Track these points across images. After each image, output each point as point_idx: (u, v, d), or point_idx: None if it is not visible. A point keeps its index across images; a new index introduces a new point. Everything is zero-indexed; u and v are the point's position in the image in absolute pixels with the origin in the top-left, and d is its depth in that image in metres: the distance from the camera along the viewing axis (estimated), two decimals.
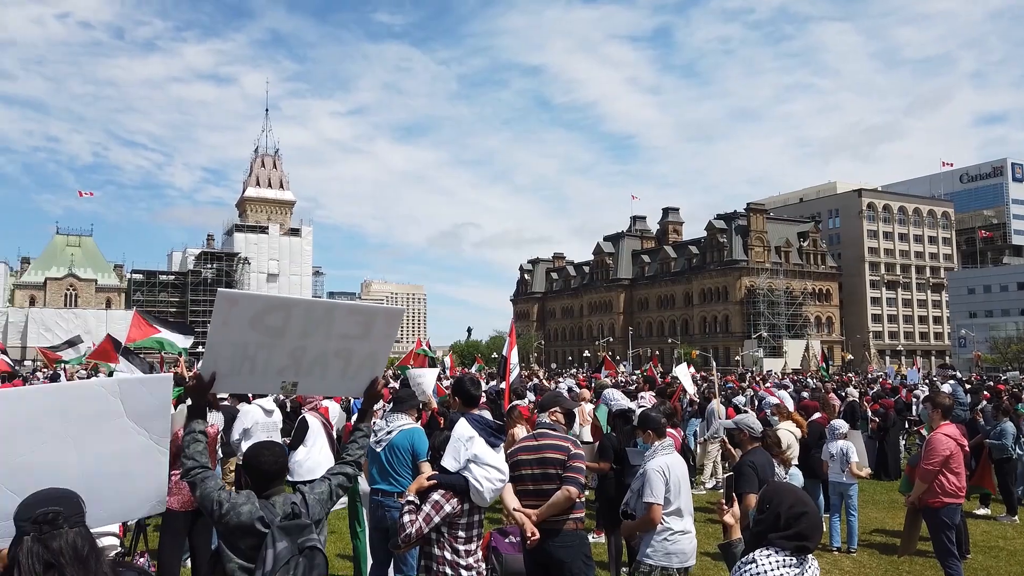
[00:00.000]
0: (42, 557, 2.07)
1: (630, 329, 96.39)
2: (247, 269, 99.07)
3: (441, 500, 3.97)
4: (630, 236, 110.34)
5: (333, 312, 3.32)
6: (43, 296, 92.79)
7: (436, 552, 4.02)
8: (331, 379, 3.55)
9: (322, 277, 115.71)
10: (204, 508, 3.14)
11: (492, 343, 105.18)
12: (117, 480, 2.68)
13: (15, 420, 2.35)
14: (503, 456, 4.26)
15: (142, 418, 2.73)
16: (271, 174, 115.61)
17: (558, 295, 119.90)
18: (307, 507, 3.21)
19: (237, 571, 2.97)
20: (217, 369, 3.20)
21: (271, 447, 3.35)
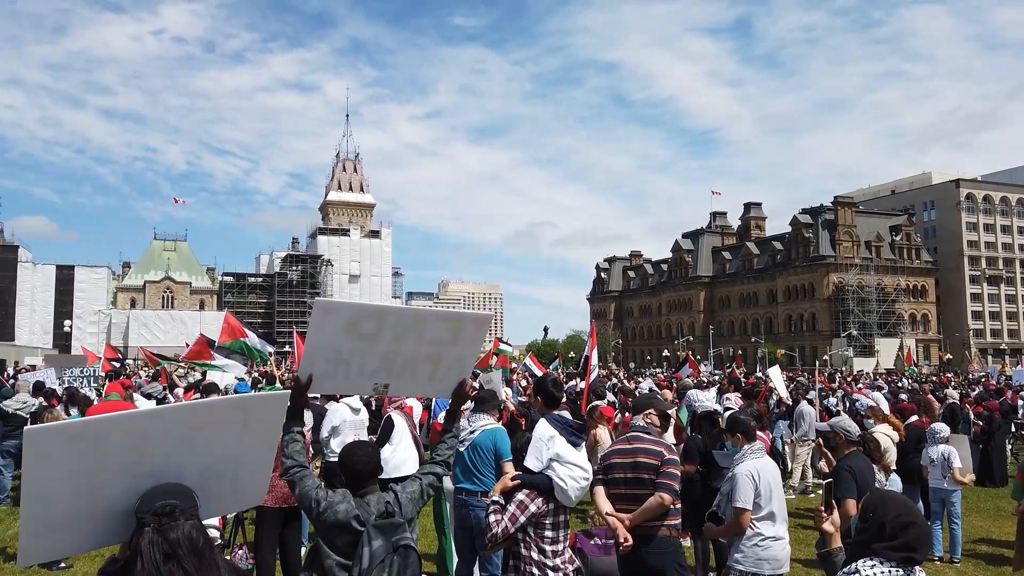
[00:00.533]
0: (162, 547, 2.18)
1: (711, 328, 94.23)
2: (330, 271, 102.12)
3: (526, 500, 3.97)
4: (710, 233, 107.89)
5: (424, 319, 3.42)
6: (143, 298, 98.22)
7: (523, 552, 4.03)
8: (421, 381, 3.64)
9: (401, 278, 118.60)
10: (303, 506, 3.25)
11: (569, 342, 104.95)
12: (228, 481, 2.81)
13: (149, 433, 2.49)
14: (585, 455, 4.24)
15: (260, 428, 2.85)
16: (352, 178, 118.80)
17: (635, 293, 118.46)
18: (400, 506, 3.28)
19: (335, 567, 3.05)
20: (314, 371, 3.32)
21: (365, 447, 3.44)
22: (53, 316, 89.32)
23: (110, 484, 2.43)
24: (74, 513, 2.44)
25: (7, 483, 11.12)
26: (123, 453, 2.42)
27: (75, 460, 2.32)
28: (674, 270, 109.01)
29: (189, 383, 15.98)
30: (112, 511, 2.48)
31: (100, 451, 2.38)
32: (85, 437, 2.35)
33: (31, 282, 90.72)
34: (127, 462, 2.44)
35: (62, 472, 2.31)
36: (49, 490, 2.36)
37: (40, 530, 2.43)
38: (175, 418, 2.56)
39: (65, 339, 77.33)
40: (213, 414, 2.67)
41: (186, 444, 2.54)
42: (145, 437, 2.48)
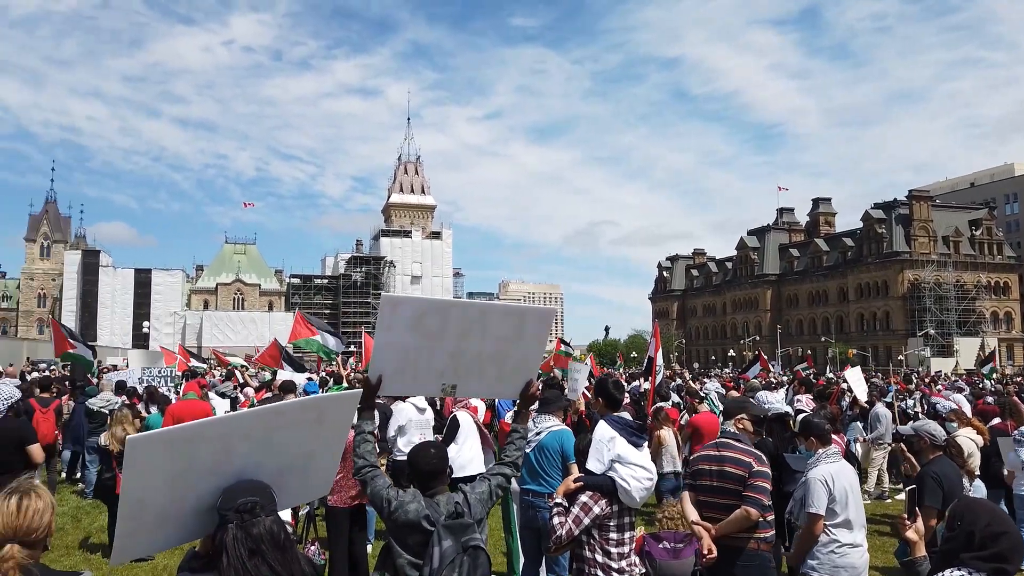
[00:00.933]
0: (246, 543, 2.26)
1: (778, 327, 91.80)
2: (393, 272, 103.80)
3: (589, 502, 3.94)
4: (776, 229, 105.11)
5: (487, 313, 3.39)
6: (215, 300, 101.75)
7: (587, 554, 4.00)
8: (488, 382, 3.61)
9: (462, 278, 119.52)
10: (374, 505, 3.29)
11: (631, 342, 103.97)
12: (299, 475, 2.90)
13: (234, 436, 2.59)
14: (648, 456, 4.16)
15: (332, 426, 2.93)
16: (413, 180, 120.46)
17: (699, 292, 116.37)
18: (469, 506, 3.28)
19: (406, 566, 3.08)
20: (383, 372, 3.33)
21: (434, 447, 3.46)
22: (132, 318, 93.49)
23: (196, 484, 2.53)
24: (164, 513, 2.54)
25: (92, 477, 11.65)
26: (210, 455, 2.53)
27: (169, 464, 2.43)
28: (739, 268, 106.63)
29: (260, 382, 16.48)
30: (196, 509, 2.57)
31: (191, 454, 2.49)
32: (180, 442, 2.46)
33: (111, 285, 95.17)
34: (212, 462, 2.55)
35: (158, 476, 2.43)
36: (145, 493, 2.47)
37: (134, 530, 2.54)
38: (258, 420, 2.66)
39: (143, 340, 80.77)
40: (292, 415, 2.74)
41: (265, 443, 2.64)
42: (230, 439, 2.58)
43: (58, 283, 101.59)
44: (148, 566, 7.83)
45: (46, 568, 2.43)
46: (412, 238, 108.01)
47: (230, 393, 15.32)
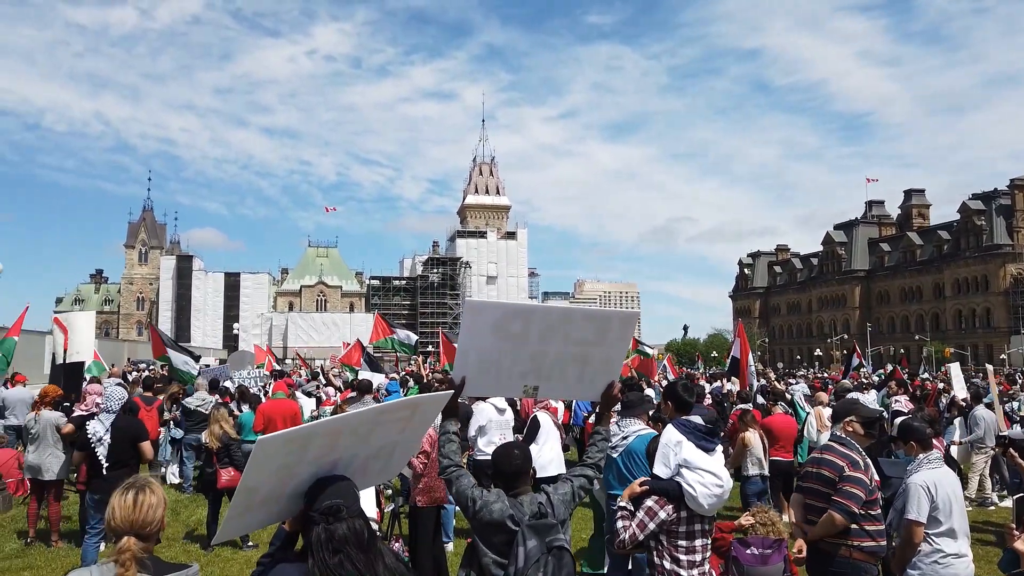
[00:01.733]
0: (330, 545, 2.35)
1: (868, 325, 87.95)
2: (468, 272, 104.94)
3: (655, 506, 3.88)
4: (865, 223, 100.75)
5: (570, 317, 3.40)
6: (299, 302, 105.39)
7: (656, 561, 3.94)
8: (569, 383, 3.62)
9: (537, 278, 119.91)
10: (459, 504, 3.33)
11: (711, 341, 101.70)
12: (382, 462, 3.06)
13: (342, 433, 2.73)
14: (721, 461, 4.03)
15: (421, 421, 3.05)
16: (488, 181, 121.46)
17: (783, 290, 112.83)
18: (552, 507, 3.29)
19: (491, 565, 3.10)
20: (467, 374, 3.38)
21: (517, 448, 3.47)
22: (223, 319, 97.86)
23: (300, 474, 2.68)
24: (267, 498, 2.70)
25: (190, 473, 12.26)
26: (318, 449, 2.68)
27: (284, 458, 2.60)
28: (825, 264, 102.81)
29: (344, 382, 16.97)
30: (293, 494, 2.73)
31: (304, 450, 2.64)
32: (299, 440, 2.63)
33: (203, 289, 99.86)
34: (317, 456, 2.70)
35: (272, 469, 2.60)
36: (258, 483, 2.65)
37: (240, 515, 2.71)
38: (365, 418, 2.81)
39: (233, 341, 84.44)
40: (393, 412, 2.87)
41: (364, 438, 2.78)
42: (340, 435, 2.72)
43: (155, 287, 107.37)
44: (242, 557, 8.16)
45: (158, 560, 2.56)
46: (487, 239, 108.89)
47: (315, 392, 15.87)
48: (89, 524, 7.17)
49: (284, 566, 2.50)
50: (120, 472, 7.06)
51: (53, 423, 8.70)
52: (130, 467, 7.16)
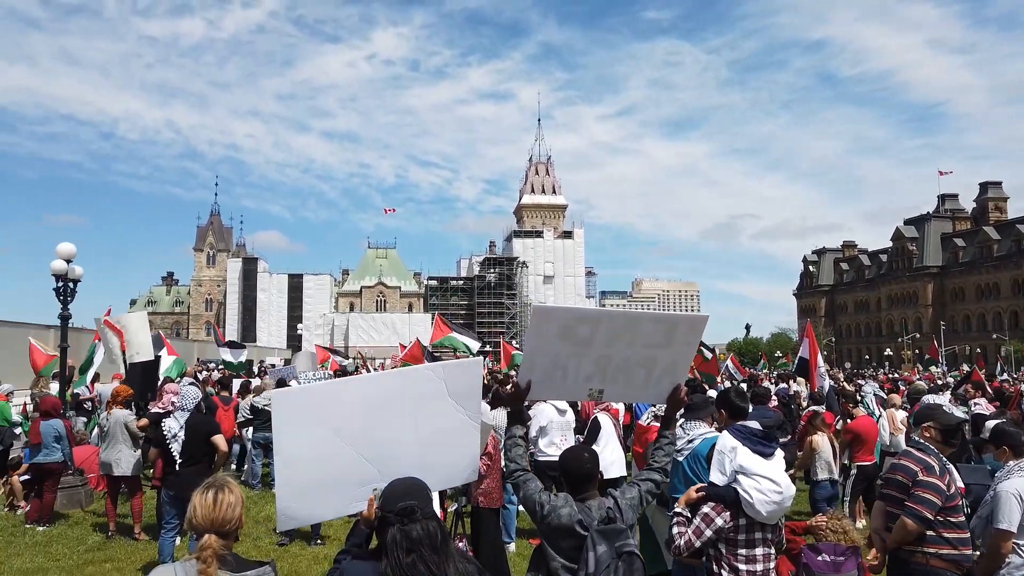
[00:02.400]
0: (404, 545, 2.41)
1: (941, 324, 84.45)
2: (525, 272, 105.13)
3: (711, 513, 3.81)
4: (938, 218, 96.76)
5: (637, 322, 3.38)
6: (359, 302, 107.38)
7: (714, 569, 3.86)
8: (634, 386, 3.60)
9: (594, 277, 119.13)
10: (526, 508, 3.32)
11: (774, 341, 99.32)
12: (442, 452, 3.11)
13: (371, 400, 2.82)
14: (780, 466, 3.90)
15: (460, 397, 3.13)
16: (544, 180, 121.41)
17: (850, 287, 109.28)
18: (620, 512, 3.24)
19: (560, 570, 3.08)
20: (532, 377, 3.39)
21: (588, 451, 3.44)
22: (286, 320, 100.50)
23: (342, 453, 2.76)
24: (314, 480, 2.78)
25: (258, 470, 12.61)
26: (352, 420, 2.77)
27: (314, 424, 2.67)
28: (895, 260, 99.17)
29: None
30: (345, 480, 2.81)
31: (334, 416, 2.72)
32: (320, 399, 2.68)
33: (268, 290, 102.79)
34: (355, 429, 2.76)
35: (304, 436, 2.68)
36: (295, 454, 2.75)
37: (290, 497, 2.80)
38: (387, 382, 2.87)
39: (297, 340, 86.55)
40: (414, 378, 2.97)
41: (401, 414, 2.85)
42: (368, 403, 2.80)
43: (222, 289, 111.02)
44: (310, 553, 8.35)
45: (238, 556, 2.63)
46: (544, 238, 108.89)
47: None
48: (165, 519, 7.43)
49: (358, 563, 2.57)
50: (193, 469, 7.30)
51: (123, 421, 9.07)
52: (203, 464, 7.39)
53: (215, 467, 7.50)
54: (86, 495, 10.80)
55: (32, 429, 9.83)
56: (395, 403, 2.89)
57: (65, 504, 10.26)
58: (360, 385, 2.98)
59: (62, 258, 12.51)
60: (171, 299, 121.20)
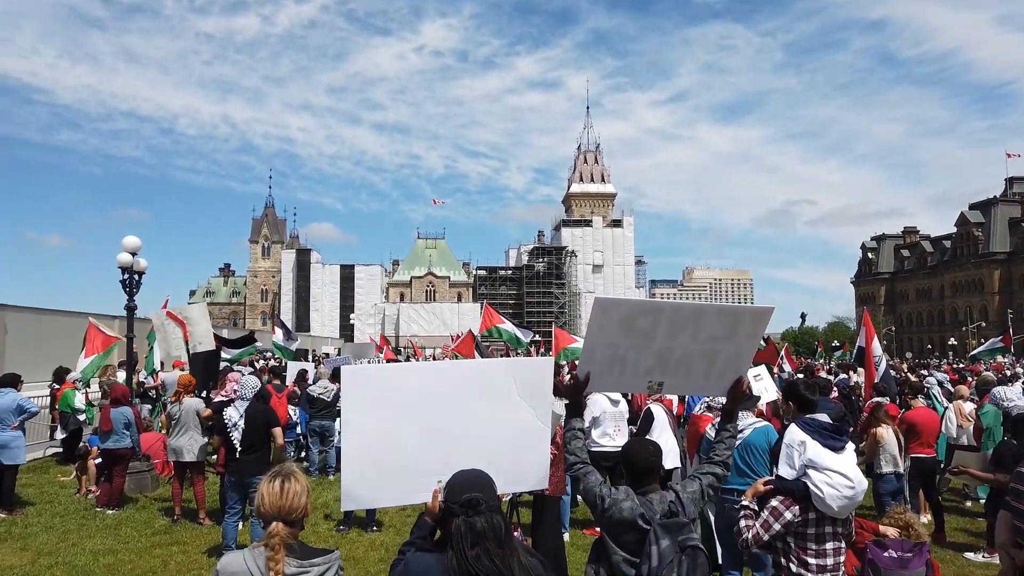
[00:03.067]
0: (468, 537, 2.43)
1: (1008, 312, 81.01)
2: (574, 262, 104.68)
3: (780, 507, 3.75)
4: (1005, 202, 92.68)
5: (701, 315, 3.32)
6: (409, 292, 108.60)
7: (783, 562, 3.81)
8: (695, 379, 3.54)
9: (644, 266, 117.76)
10: (587, 501, 3.30)
11: (831, 330, 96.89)
12: (508, 451, 3.10)
13: (439, 390, 2.83)
14: (851, 460, 3.80)
15: (529, 396, 3.10)
16: (593, 169, 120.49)
17: (911, 275, 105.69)
18: (682, 505, 3.20)
19: (622, 563, 3.05)
20: (591, 369, 3.35)
21: (647, 444, 3.40)
22: (339, 310, 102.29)
23: (408, 439, 2.79)
24: (381, 465, 2.82)
25: (315, 457, 12.88)
26: (418, 408, 2.79)
27: (382, 405, 2.70)
28: (960, 246, 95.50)
29: None
30: (409, 467, 2.83)
31: (399, 401, 2.75)
32: (388, 379, 2.72)
33: (321, 281, 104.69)
34: (421, 417, 2.78)
35: (371, 416, 2.71)
36: (361, 434, 2.79)
37: (357, 478, 2.84)
38: (457, 373, 2.88)
39: (349, 330, 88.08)
40: (485, 373, 3.00)
41: (468, 406, 2.85)
42: (435, 392, 2.82)
43: (277, 279, 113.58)
44: (367, 540, 8.49)
45: (303, 544, 2.68)
46: (593, 227, 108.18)
47: None
48: (228, 504, 7.64)
49: (422, 555, 2.57)
50: (253, 456, 7.48)
51: (195, 409, 9.38)
52: (262, 452, 7.56)
53: (274, 458, 7.67)
54: (152, 480, 11.20)
55: (103, 416, 10.22)
56: (462, 395, 2.89)
57: (133, 489, 10.66)
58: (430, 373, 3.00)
59: (127, 251, 12.95)
60: (228, 290, 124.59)
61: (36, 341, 19.47)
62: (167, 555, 7.88)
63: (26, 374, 11.30)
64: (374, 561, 7.63)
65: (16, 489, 10.27)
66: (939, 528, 8.83)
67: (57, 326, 18.73)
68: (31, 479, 11.93)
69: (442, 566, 2.45)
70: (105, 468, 10.39)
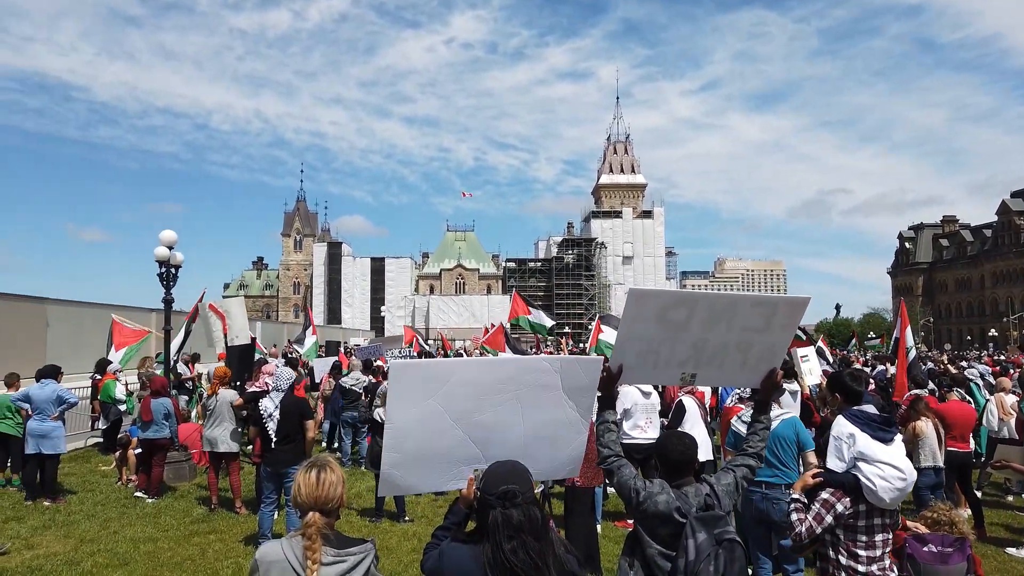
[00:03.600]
0: (505, 530, 2.44)
1: None
2: (604, 253, 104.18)
3: (831, 499, 3.71)
4: None
5: (736, 305, 3.28)
6: (439, 284, 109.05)
7: (831, 555, 3.76)
8: (729, 370, 3.51)
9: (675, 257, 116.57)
10: (621, 494, 3.28)
11: (866, 321, 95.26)
12: (547, 445, 3.11)
13: (482, 383, 2.86)
14: (901, 451, 3.75)
15: (573, 393, 3.11)
16: (623, 160, 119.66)
17: (950, 264, 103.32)
18: (718, 498, 3.17)
19: (656, 556, 3.03)
20: (624, 362, 3.32)
21: (683, 437, 3.37)
22: (370, 302, 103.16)
23: (449, 431, 2.80)
24: (420, 454, 2.85)
25: (347, 448, 13.02)
26: (462, 400, 2.81)
27: (425, 397, 2.75)
28: (1001, 236, 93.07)
29: None
30: (449, 457, 2.85)
31: (444, 393, 2.77)
32: (436, 374, 2.79)
33: (352, 273, 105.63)
34: (464, 410, 2.82)
35: (415, 408, 2.75)
36: (404, 424, 2.82)
37: (396, 464, 2.88)
38: (503, 369, 2.92)
39: (380, 322, 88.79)
40: (531, 368, 2.96)
41: (512, 400, 2.87)
42: (480, 386, 2.83)
43: (309, 272, 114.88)
44: (399, 530, 8.56)
45: (339, 534, 2.71)
46: (623, 218, 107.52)
47: None
48: (264, 494, 7.76)
49: (457, 546, 2.58)
50: (288, 447, 7.58)
51: (230, 401, 9.54)
52: (297, 442, 7.66)
53: (307, 450, 7.76)
54: (190, 469, 11.43)
55: (143, 406, 10.44)
56: (506, 390, 2.90)
57: (171, 478, 10.88)
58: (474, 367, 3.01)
59: (164, 245, 13.18)
60: (261, 283, 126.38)
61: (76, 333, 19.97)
62: (205, 543, 8.03)
63: (66, 366, 11.59)
64: (407, 551, 7.69)
65: (59, 478, 10.55)
66: (979, 523, 8.65)
67: (96, 319, 19.16)
68: (73, 468, 12.24)
69: (476, 558, 2.45)
70: (145, 458, 10.63)
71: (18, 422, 10.30)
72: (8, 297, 18.81)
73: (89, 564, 7.26)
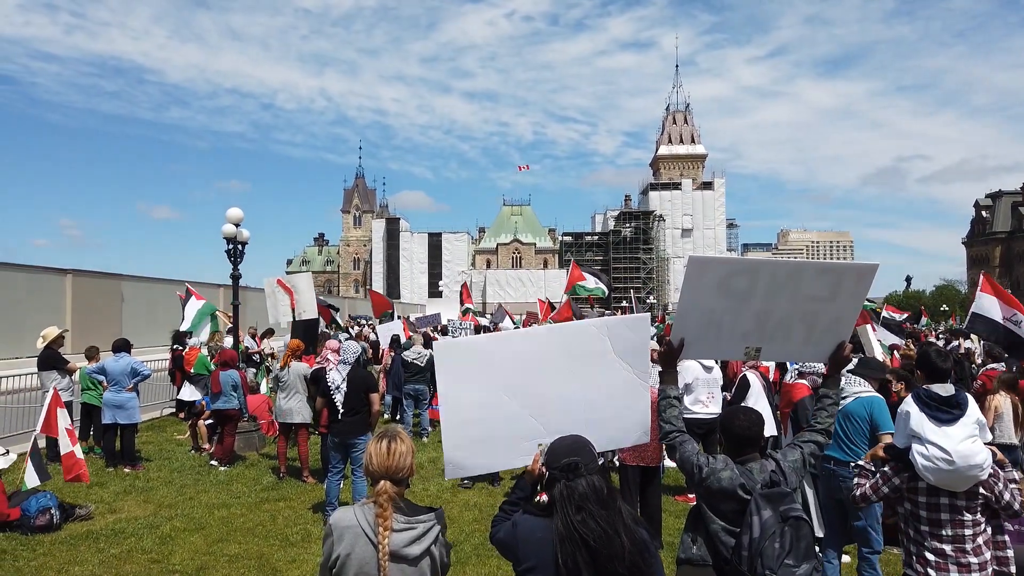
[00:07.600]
0: (572, 501, 2.46)
1: None
2: (662, 226, 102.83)
3: (889, 472, 3.74)
4: None
5: (800, 272, 3.16)
6: (495, 259, 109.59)
7: (902, 527, 3.77)
8: (795, 344, 3.40)
9: (736, 229, 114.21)
10: (683, 470, 3.25)
11: (939, 293, 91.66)
12: (609, 410, 3.12)
13: (533, 356, 2.87)
14: (960, 433, 3.53)
15: (626, 354, 3.09)
16: (682, 130, 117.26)
17: None
18: (784, 475, 3.12)
19: (720, 532, 3.01)
20: (686, 335, 3.25)
21: (749, 413, 3.31)
22: (427, 277, 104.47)
23: (506, 406, 2.83)
24: (478, 432, 2.88)
25: (409, 419, 13.28)
26: (512, 374, 2.84)
27: (476, 376, 2.75)
28: None
29: None
30: (509, 434, 2.88)
31: (496, 369, 2.81)
32: (484, 351, 2.83)
33: (410, 249, 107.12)
34: (516, 383, 2.85)
35: (467, 388, 2.78)
36: (458, 405, 2.86)
37: (456, 446, 2.93)
38: (550, 337, 2.96)
39: (438, 296, 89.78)
40: (578, 335, 2.99)
41: (564, 369, 2.88)
42: (527, 358, 2.86)
43: (368, 248, 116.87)
44: (461, 499, 8.72)
45: (409, 502, 2.79)
46: (682, 190, 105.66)
47: None
48: (331, 464, 7.99)
49: (529, 518, 2.62)
50: (354, 419, 7.77)
51: (302, 373, 9.84)
52: (363, 414, 7.85)
53: (372, 422, 7.94)
54: (259, 439, 11.85)
55: (212, 379, 10.86)
56: (558, 360, 2.91)
57: (242, 447, 11.31)
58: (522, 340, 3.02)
59: (231, 222, 13.56)
60: (323, 258, 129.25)
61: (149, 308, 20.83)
62: (275, 510, 8.35)
63: (141, 339, 12.11)
64: (468, 521, 7.83)
65: (137, 446, 11.09)
66: None
67: (167, 294, 19.95)
68: (150, 437, 12.85)
69: (549, 530, 2.48)
70: (216, 427, 11.07)
71: (100, 393, 10.83)
72: (87, 274, 19.74)
73: (168, 528, 7.63)
